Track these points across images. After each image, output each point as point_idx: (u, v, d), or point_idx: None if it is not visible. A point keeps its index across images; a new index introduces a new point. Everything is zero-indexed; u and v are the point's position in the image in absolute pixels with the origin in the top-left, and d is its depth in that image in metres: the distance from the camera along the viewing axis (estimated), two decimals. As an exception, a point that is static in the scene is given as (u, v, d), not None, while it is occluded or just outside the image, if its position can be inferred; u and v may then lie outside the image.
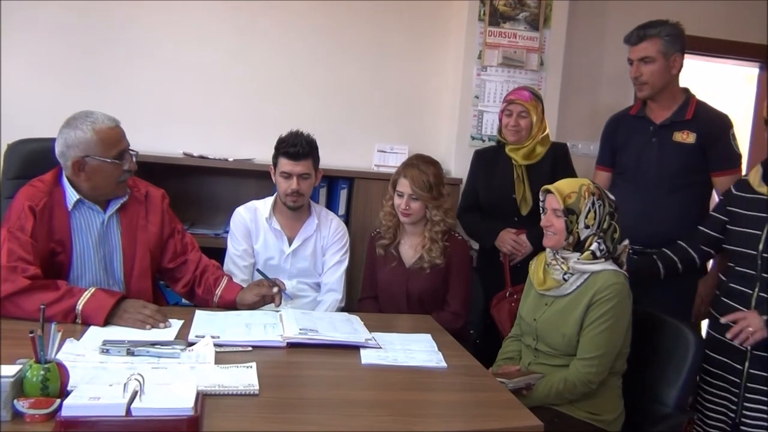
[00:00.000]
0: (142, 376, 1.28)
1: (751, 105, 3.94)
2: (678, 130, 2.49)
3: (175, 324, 1.89)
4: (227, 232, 2.63)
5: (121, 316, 1.85)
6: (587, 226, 1.98)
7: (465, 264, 2.55)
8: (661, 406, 2.00)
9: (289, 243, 2.53)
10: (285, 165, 2.44)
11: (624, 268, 2.05)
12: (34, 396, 1.27)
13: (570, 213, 1.99)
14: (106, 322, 1.83)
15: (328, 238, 2.57)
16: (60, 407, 1.23)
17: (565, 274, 2.00)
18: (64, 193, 2.02)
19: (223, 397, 1.42)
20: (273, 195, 2.58)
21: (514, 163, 2.73)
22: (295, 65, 3.33)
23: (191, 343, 1.72)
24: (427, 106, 3.51)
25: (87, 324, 1.82)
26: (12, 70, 3.00)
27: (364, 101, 3.42)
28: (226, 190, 3.27)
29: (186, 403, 1.26)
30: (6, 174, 2.34)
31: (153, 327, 1.84)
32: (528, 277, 2.20)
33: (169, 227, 2.22)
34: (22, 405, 1.24)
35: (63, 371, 1.32)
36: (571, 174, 2.65)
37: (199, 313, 2.00)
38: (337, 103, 3.39)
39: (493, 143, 3.01)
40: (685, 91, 2.57)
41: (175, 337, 1.78)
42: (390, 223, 2.53)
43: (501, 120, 2.77)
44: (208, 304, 2.16)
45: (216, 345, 1.71)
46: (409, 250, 2.53)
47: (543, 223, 2.07)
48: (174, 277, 2.24)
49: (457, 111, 3.37)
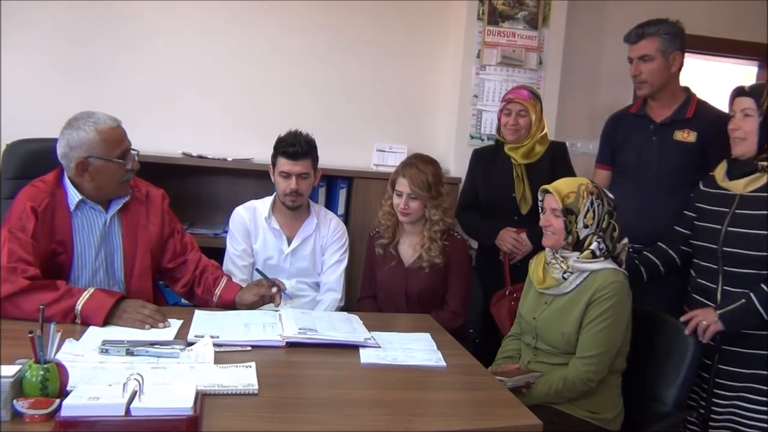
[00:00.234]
0: (142, 376, 1.28)
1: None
2: (678, 129, 2.49)
3: (175, 324, 1.89)
4: (226, 232, 2.63)
5: (120, 316, 1.85)
6: (586, 226, 1.98)
7: (464, 263, 2.55)
8: (660, 404, 2.00)
9: (289, 242, 2.53)
10: (284, 165, 2.44)
11: (623, 266, 2.05)
12: (33, 396, 1.27)
13: (569, 213, 1.99)
14: (106, 322, 1.83)
15: (327, 237, 2.57)
16: (59, 407, 1.23)
17: (564, 273, 2.00)
18: (65, 194, 2.02)
19: (223, 396, 1.42)
20: (272, 195, 2.58)
21: (514, 162, 2.73)
22: (294, 65, 3.33)
23: (190, 343, 1.72)
24: (426, 106, 3.51)
25: (86, 324, 1.82)
26: (11, 71, 3.00)
27: (363, 101, 3.42)
28: (225, 190, 3.27)
29: (185, 402, 1.27)
30: (5, 174, 2.34)
31: (152, 327, 1.84)
32: (527, 275, 2.20)
33: (169, 227, 2.22)
34: (22, 405, 1.24)
35: (62, 371, 1.32)
36: (570, 173, 2.65)
37: (198, 313, 2.00)
38: (337, 103, 3.39)
39: (492, 142, 3.01)
40: (685, 89, 2.57)
41: (175, 337, 1.79)
42: (389, 222, 2.53)
43: (500, 119, 2.77)
44: (207, 304, 2.16)
45: (215, 345, 1.71)
46: (408, 250, 2.53)
47: (542, 223, 2.07)
48: (174, 277, 2.24)
49: (456, 110, 3.37)
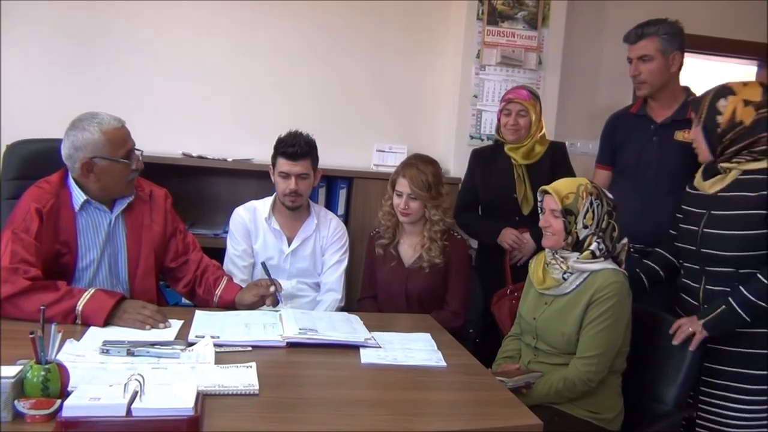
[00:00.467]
0: (142, 377, 1.28)
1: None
2: (679, 129, 2.48)
3: (175, 324, 1.89)
4: (226, 233, 2.63)
5: (120, 316, 1.85)
6: (586, 226, 1.98)
7: (464, 263, 2.55)
8: (660, 404, 2.00)
9: (289, 243, 2.53)
10: (283, 165, 2.44)
11: (623, 266, 2.05)
12: (34, 396, 1.27)
13: (568, 213, 1.99)
14: (106, 323, 1.83)
15: (327, 237, 2.57)
16: (60, 408, 1.23)
17: (564, 273, 2.00)
18: (70, 194, 2.03)
19: (223, 397, 1.42)
20: (272, 195, 2.58)
21: (514, 162, 2.73)
22: (294, 65, 3.33)
23: (191, 343, 1.72)
24: (426, 106, 3.51)
25: (87, 325, 1.82)
26: (11, 71, 3.00)
27: (363, 101, 3.43)
28: (225, 190, 3.27)
29: (186, 403, 1.27)
30: (5, 175, 2.34)
31: (153, 327, 1.84)
32: (527, 276, 2.20)
33: (171, 227, 2.23)
34: (23, 405, 1.24)
35: (63, 372, 1.32)
36: (570, 173, 2.65)
37: (198, 314, 2.01)
38: (336, 103, 3.39)
39: (491, 142, 3.01)
40: (685, 89, 2.56)
41: (175, 338, 1.79)
42: (389, 222, 2.53)
43: (499, 119, 2.77)
44: (208, 304, 2.17)
45: (216, 345, 1.71)
46: (409, 250, 2.53)
47: (541, 224, 2.07)
48: (175, 276, 2.25)
49: (456, 110, 3.37)
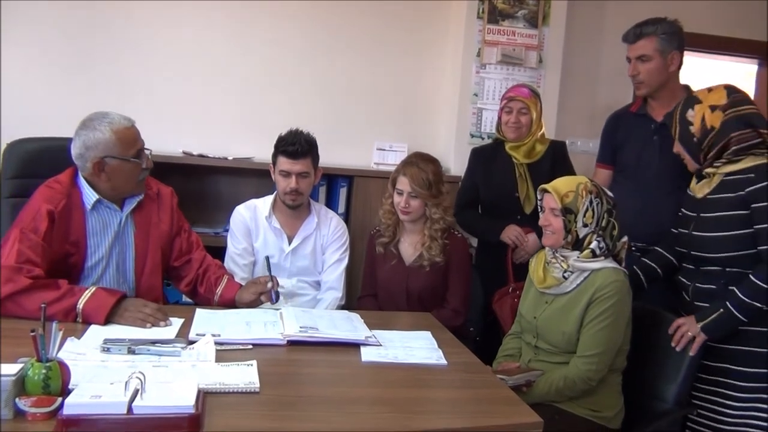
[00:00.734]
0: (143, 375, 1.28)
1: (750, 101, 3.94)
2: None
3: (176, 322, 1.90)
4: (227, 231, 2.63)
5: (121, 314, 1.86)
6: (585, 225, 1.98)
7: (464, 261, 2.55)
8: (660, 402, 2.01)
9: (289, 241, 2.53)
10: (284, 163, 2.44)
11: (623, 265, 2.05)
12: (35, 394, 1.27)
13: (568, 212, 1.99)
14: (107, 321, 1.83)
15: (327, 236, 2.57)
16: (61, 405, 1.23)
17: (564, 272, 2.00)
18: (81, 194, 2.03)
19: (224, 394, 1.43)
20: (273, 194, 2.58)
21: (515, 161, 2.73)
22: (294, 64, 3.33)
23: (192, 342, 1.72)
24: (427, 104, 3.51)
25: (87, 323, 1.83)
26: (11, 70, 3.00)
27: (364, 99, 3.42)
28: (225, 189, 3.27)
29: (187, 401, 1.27)
30: (5, 173, 2.33)
31: (153, 325, 1.85)
32: (528, 275, 2.20)
33: (177, 225, 2.24)
34: (24, 403, 1.24)
35: (64, 370, 1.33)
36: (570, 172, 2.65)
37: (199, 312, 2.01)
38: (337, 102, 3.39)
39: (491, 141, 3.00)
40: (685, 88, 2.56)
41: (176, 336, 1.79)
42: (389, 221, 2.53)
43: (500, 117, 2.77)
44: (209, 303, 2.17)
45: (217, 343, 1.72)
46: (409, 248, 2.53)
47: (541, 223, 2.07)
48: (179, 275, 2.25)
49: (456, 109, 3.37)
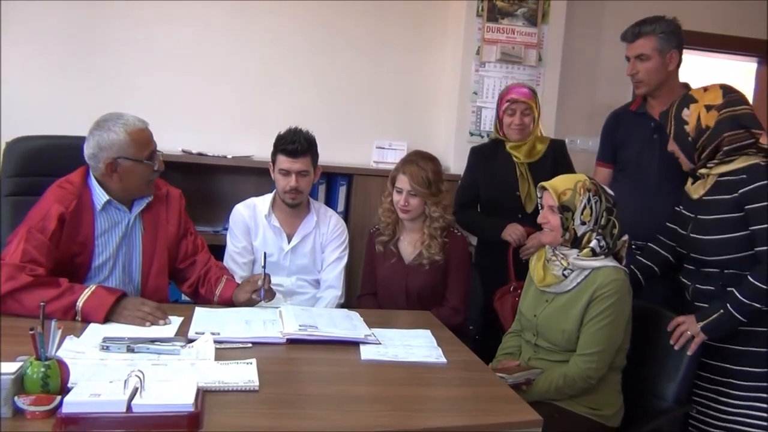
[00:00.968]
0: (143, 373, 1.28)
1: (750, 100, 3.92)
2: None
3: (175, 321, 1.90)
4: (226, 230, 2.63)
5: (120, 313, 1.86)
6: (583, 223, 1.98)
7: (464, 260, 2.54)
8: (659, 400, 2.01)
9: (288, 240, 2.53)
10: (283, 162, 2.43)
11: (624, 263, 2.05)
12: (34, 393, 1.27)
13: (565, 210, 1.99)
14: (106, 319, 1.83)
15: (327, 234, 2.57)
16: (60, 404, 1.23)
17: (564, 269, 2.00)
18: (91, 195, 2.04)
19: (224, 393, 1.43)
20: (272, 192, 2.58)
21: (516, 161, 2.72)
22: (293, 62, 3.32)
23: (191, 340, 1.72)
24: (426, 103, 3.51)
25: (87, 321, 1.82)
26: (11, 68, 2.99)
27: (363, 98, 3.42)
28: (225, 187, 3.27)
29: (186, 399, 1.27)
30: (5, 172, 2.33)
31: (153, 324, 1.84)
32: (528, 273, 2.20)
33: (183, 227, 2.24)
34: (23, 402, 1.24)
35: (63, 368, 1.33)
36: (570, 170, 2.65)
37: (198, 310, 2.01)
38: (336, 100, 3.39)
39: (488, 139, 2.98)
40: (685, 86, 2.55)
41: (175, 334, 1.79)
42: (389, 219, 2.53)
43: (501, 119, 2.74)
44: (209, 303, 2.17)
45: (216, 341, 1.72)
46: (409, 247, 2.53)
47: (539, 220, 2.08)
48: (182, 277, 2.26)
49: (456, 107, 3.37)
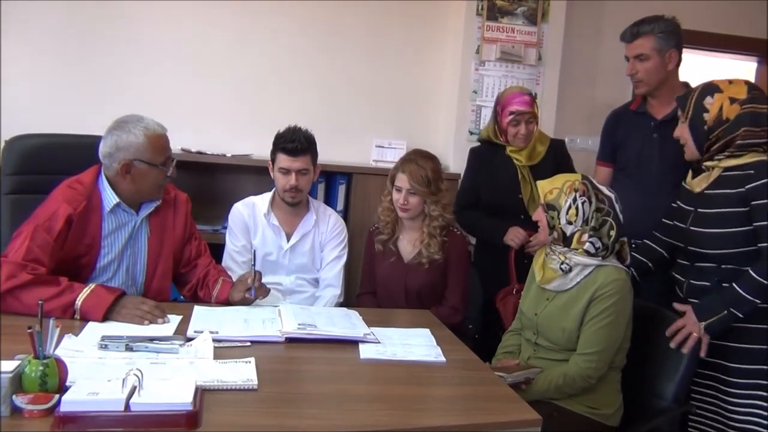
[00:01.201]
0: (141, 372, 1.28)
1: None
2: None
3: (174, 319, 1.90)
4: (225, 228, 2.63)
5: (119, 311, 1.85)
6: (569, 222, 1.98)
7: (463, 259, 2.54)
8: (659, 399, 2.01)
9: (288, 239, 2.52)
10: (283, 161, 2.43)
11: (625, 263, 2.04)
12: (32, 391, 1.27)
13: (551, 209, 2.00)
14: (105, 318, 1.83)
15: (326, 233, 2.56)
16: (59, 402, 1.23)
17: (562, 263, 1.99)
18: (101, 196, 2.03)
19: (222, 391, 1.42)
20: (271, 191, 2.58)
21: (518, 164, 2.70)
22: (292, 60, 3.32)
23: (190, 339, 1.72)
24: (426, 102, 3.51)
25: (86, 320, 1.82)
26: (10, 66, 2.99)
27: (362, 96, 3.42)
28: (224, 186, 3.27)
29: (185, 398, 1.27)
30: (5, 170, 2.33)
31: (151, 322, 1.84)
32: (530, 271, 2.19)
33: (189, 232, 2.25)
34: (21, 400, 1.24)
35: (61, 367, 1.32)
36: (571, 170, 2.64)
37: (197, 309, 2.01)
38: (336, 99, 3.38)
39: (485, 140, 2.93)
40: (685, 85, 2.55)
41: (174, 333, 1.79)
42: (388, 218, 2.53)
43: (504, 128, 2.68)
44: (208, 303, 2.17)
45: (215, 340, 1.71)
46: (408, 246, 2.53)
47: (534, 218, 2.10)
48: (183, 281, 2.26)
49: (455, 106, 3.37)
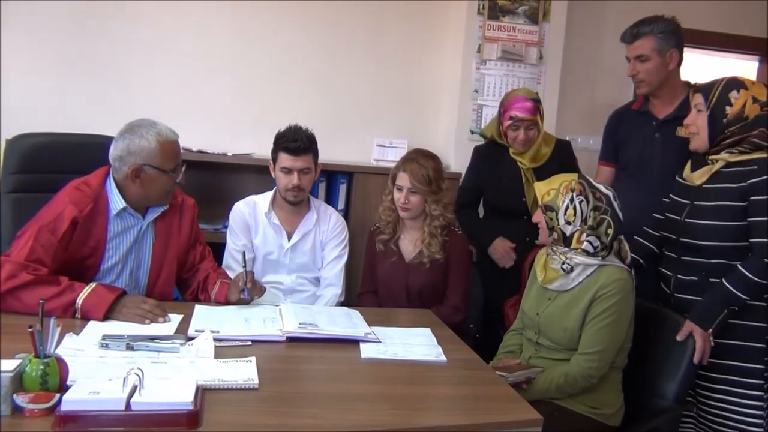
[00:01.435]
0: (142, 371, 1.28)
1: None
2: (681, 125, 2.46)
3: (175, 319, 1.90)
4: (226, 227, 2.63)
5: (120, 310, 1.85)
6: (568, 222, 1.98)
7: (464, 258, 2.54)
8: (660, 399, 2.01)
9: (289, 238, 2.52)
10: (285, 160, 2.43)
11: (626, 262, 2.04)
12: (33, 390, 1.27)
13: (548, 210, 2.00)
14: (106, 317, 1.83)
15: (327, 232, 2.56)
16: (59, 402, 1.23)
17: (563, 264, 1.99)
18: (107, 199, 2.03)
19: (223, 391, 1.43)
20: (272, 190, 2.57)
21: (522, 167, 2.70)
22: (294, 59, 3.32)
23: (191, 338, 1.72)
24: (427, 101, 3.50)
25: (86, 319, 1.82)
26: (11, 64, 2.98)
27: (364, 95, 3.41)
28: (225, 185, 3.26)
29: (186, 397, 1.27)
30: (7, 169, 2.33)
31: (152, 321, 1.84)
32: (531, 271, 2.19)
33: (194, 237, 2.25)
34: (22, 399, 1.24)
35: (62, 366, 1.32)
36: (575, 171, 2.63)
37: (198, 308, 2.01)
38: (337, 98, 3.38)
39: (489, 140, 2.94)
40: (687, 85, 2.55)
41: (175, 332, 1.79)
42: (389, 218, 2.53)
43: (504, 131, 2.69)
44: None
45: (215, 339, 1.71)
46: (409, 245, 2.52)
47: (534, 219, 2.09)
48: (185, 285, 2.26)
49: (457, 105, 3.36)
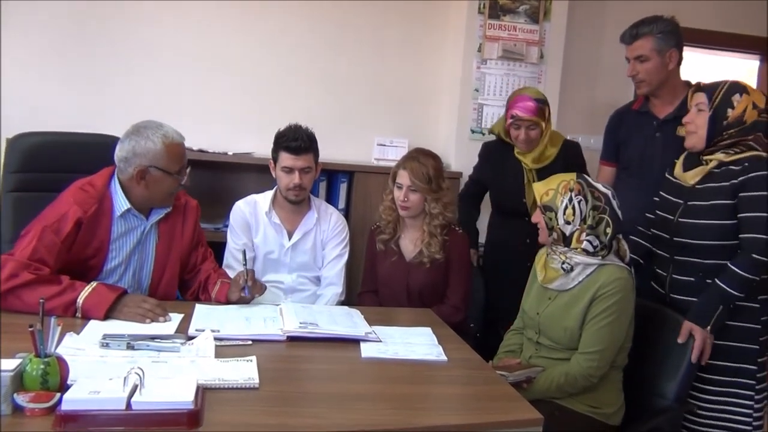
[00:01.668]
0: (142, 370, 1.28)
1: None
2: (682, 125, 2.47)
3: (175, 318, 1.90)
4: (227, 226, 2.63)
5: (121, 310, 1.85)
6: (568, 222, 1.97)
7: (464, 258, 2.54)
8: (660, 398, 2.01)
9: (289, 237, 2.52)
10: (286, 160, 2.43)
11: (625, 261, 2.04)
12: (33, 390, 1.27)
13: (548, 210, 2.00)
14: (106, 316, 1.83)
15: (327, 231, 2.56)
16: (60, 401, 1.23)
17: (563, 263, 1.99)
18: (112, 200, 2.03)
19: (224, 390, 1.43)
20: (273, 189, 2.57)
21: (525, 167, 2.69)
22: (294, 58, 3.32)
23: (191, 337, 1.72)
24: (427, 100, 3.50)
25: (87, 318, 1.82)
26: (12, 64, 2.99)
27: (364, 94, 3.41)
28: (225, 184, 3.26)
29: (186, 396, 1.27)
30: (7, 168, 2.33)
31: (153, 321, 1.84)
32: (531, 270, 2.19)
33: (196, 239, 2.25)
34: (22, 399, 1.24)
35: (63, 365, 1.32)
36: (582, 172, 2.62)
37: (199, 307, 2.01)
38: (337, 97, 3.38)
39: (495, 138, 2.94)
40: (687, 84, 2.55)
41: (175, 331, 1.79)
42: (390, 217, 2.53)
43: (508, 127, 2.67)
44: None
45: (216, 339, 1.71)
46: (409, 245, 2.52)
47: (532, 220, 2.09)
48: (187, 286, 2.26)
49: (457, 104, 3.36)
